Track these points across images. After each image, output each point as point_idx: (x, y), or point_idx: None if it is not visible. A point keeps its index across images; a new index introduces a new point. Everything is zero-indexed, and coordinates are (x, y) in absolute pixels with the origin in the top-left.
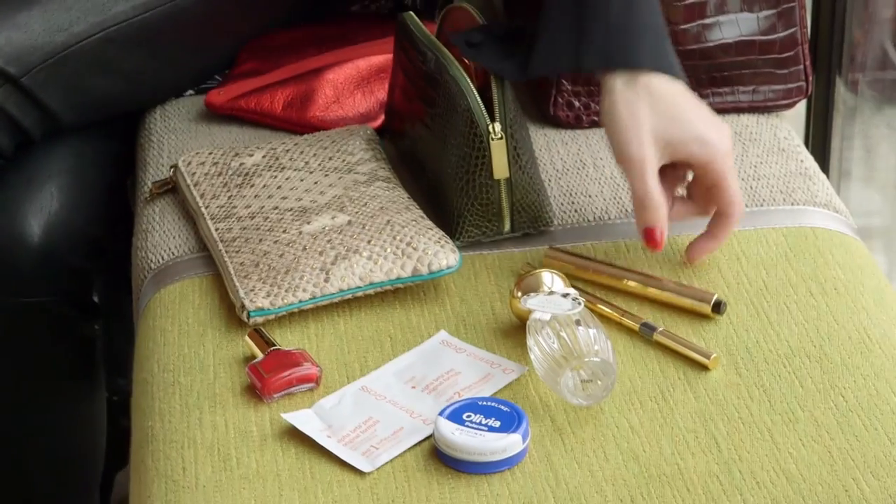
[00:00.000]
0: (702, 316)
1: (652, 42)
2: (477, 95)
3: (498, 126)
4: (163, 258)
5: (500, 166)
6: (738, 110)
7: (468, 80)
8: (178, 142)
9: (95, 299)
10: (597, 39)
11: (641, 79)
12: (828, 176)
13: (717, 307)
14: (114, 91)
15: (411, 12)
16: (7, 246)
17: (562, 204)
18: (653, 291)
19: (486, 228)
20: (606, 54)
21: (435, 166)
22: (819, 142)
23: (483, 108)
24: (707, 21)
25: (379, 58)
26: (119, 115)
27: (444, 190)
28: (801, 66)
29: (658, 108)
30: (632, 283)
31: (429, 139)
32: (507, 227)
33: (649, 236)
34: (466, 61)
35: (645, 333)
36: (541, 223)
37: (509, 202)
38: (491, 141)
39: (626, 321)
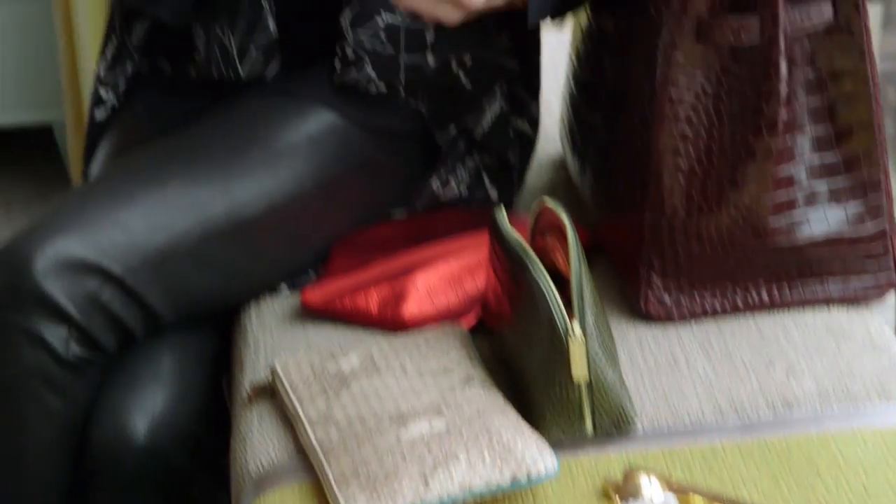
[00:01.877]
0: None
1: None
2: (557, 297)
3: (577, 327)
4: (262, 464)
5: (580, 368)
6: (829, 303)
7: (549, 281)
8: (274, 342)
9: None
10: None
11: None
12: None
13: None
14: (212, 287)
15: (502, 207)
16: (112, 445)
17: (654, 403)
18: None
19: (567, 430)
20: None
21: (520, 365)
22: None
23: (563, 310)
24: (796, 216)
25: (470, 254)
26: (216, 311)
27: (527, 390)
28: (891, 258)
29: None
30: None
31: (515, 338)
32: (588, 428)
33: None
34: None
35: None
36: (623, 426)
37: (590, 404)
38: (570, 343)
39: None
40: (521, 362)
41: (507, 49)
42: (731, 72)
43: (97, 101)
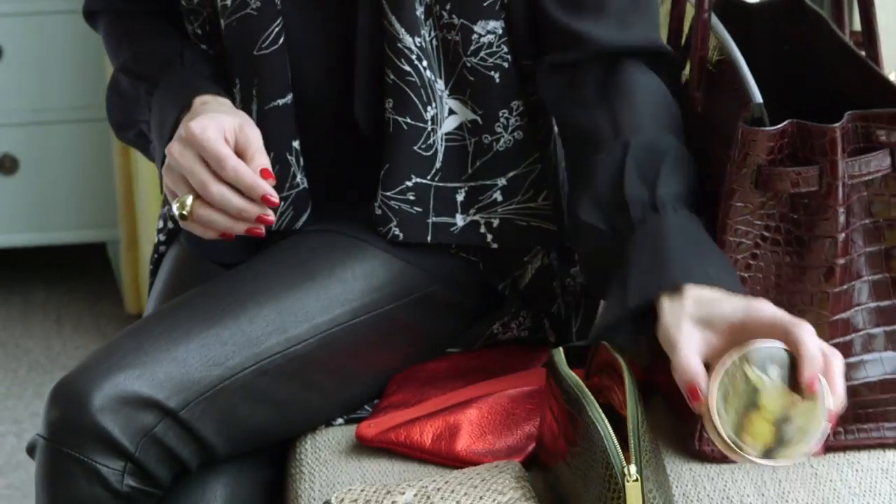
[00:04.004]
0: None
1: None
2: (614, 437)
3: (633, 468)
4: None
5: None
6: (884, 446)
7: (605, 422)
8: (329, 474)
9: None
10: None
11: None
12: None
13: None
14: (266, 421)
15: (560, 349)
16: None
17: None
18: None
19: None
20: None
21: None
22: None
23: (619, 451)
24: (852, 360)
25: (524, 390)
26: (271, 444)
27: None
28: None
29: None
30: None
31: (569, 477)
32: None
33: (692, 393)
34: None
35: None
36: None
37: None
38: (626, 483)
39: None
40: (577, 501)
41: (544, 213)
42: (789, 219)
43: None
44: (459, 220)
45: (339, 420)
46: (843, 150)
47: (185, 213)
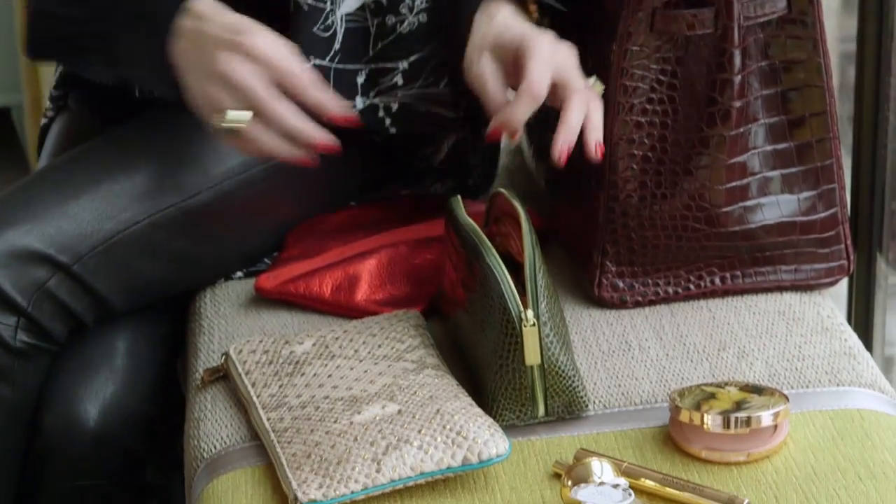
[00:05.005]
0: None
1: None
2: (511, 283)
3: (531, 313)
4: (215, 447)
5: (532, 352)
6: (781, 289)
7: (503, 268)
8: (228, 327)
9: (149, 481)
10: None
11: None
12: (871, 354)
13: None
14: (162, 275)
15: (458, 197)
16: (63, 431)
17: (607, 386)
18: (670, 492)
19: (521, 413)
20: None
21: (473, 351)
22: (862, 319)
23: (516, 296)
24: (749, 203)
25: (423, 239)
26: (168, 298)
27: (480, 374)
28: (843, 245)
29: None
30: (649, 483)
31: (468, 324)
32: (540, 411)
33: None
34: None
35: None
36: (575, 408)
37: (542, 387)
38: (523, 328)
39: None
40: (475, 347)
41: (445, 101)
42: (684, 62)
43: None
44: (359, 102)
45: (239, 273)
46: None
47: (236, 127)
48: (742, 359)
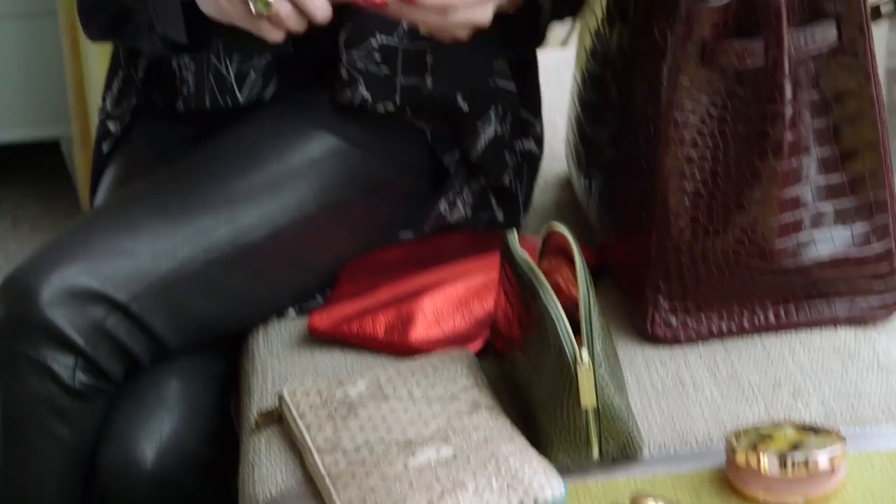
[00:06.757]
0: None
1: None
2: (567, 324)
3: (586, 354)
4: (270, 492)
5: (588, 394)
6: (836, 323)
7: (559, 308)
8: (281, 367)
9: None
10: None
11: None
12: None
13: None
14: (218, 312)
15: (513, 231)
16: (121, 472)
17: (662, 427)
18: None
19: (575, 456)
20: None
21: (529, 391)
22: None
23: (572, 337)
24: (802, 238)
25: (477, 277)
26: (223, 336)
27: (535, 415)
28: None
29: None
30: None
31: (524, 362)
32: (595, 455)
33: None
34: (565, 285)
35: None
36: (630, 452)
37: (597, 430)
38: (578, 369)
39: None
40: (530, 388)
41: (504, 71)
42: (735, 95)
43: (104, 134)
44: (429, 82)
45: (291, 311)
46: (788, 21)
47: (266, 10)
48: (797, 397)
